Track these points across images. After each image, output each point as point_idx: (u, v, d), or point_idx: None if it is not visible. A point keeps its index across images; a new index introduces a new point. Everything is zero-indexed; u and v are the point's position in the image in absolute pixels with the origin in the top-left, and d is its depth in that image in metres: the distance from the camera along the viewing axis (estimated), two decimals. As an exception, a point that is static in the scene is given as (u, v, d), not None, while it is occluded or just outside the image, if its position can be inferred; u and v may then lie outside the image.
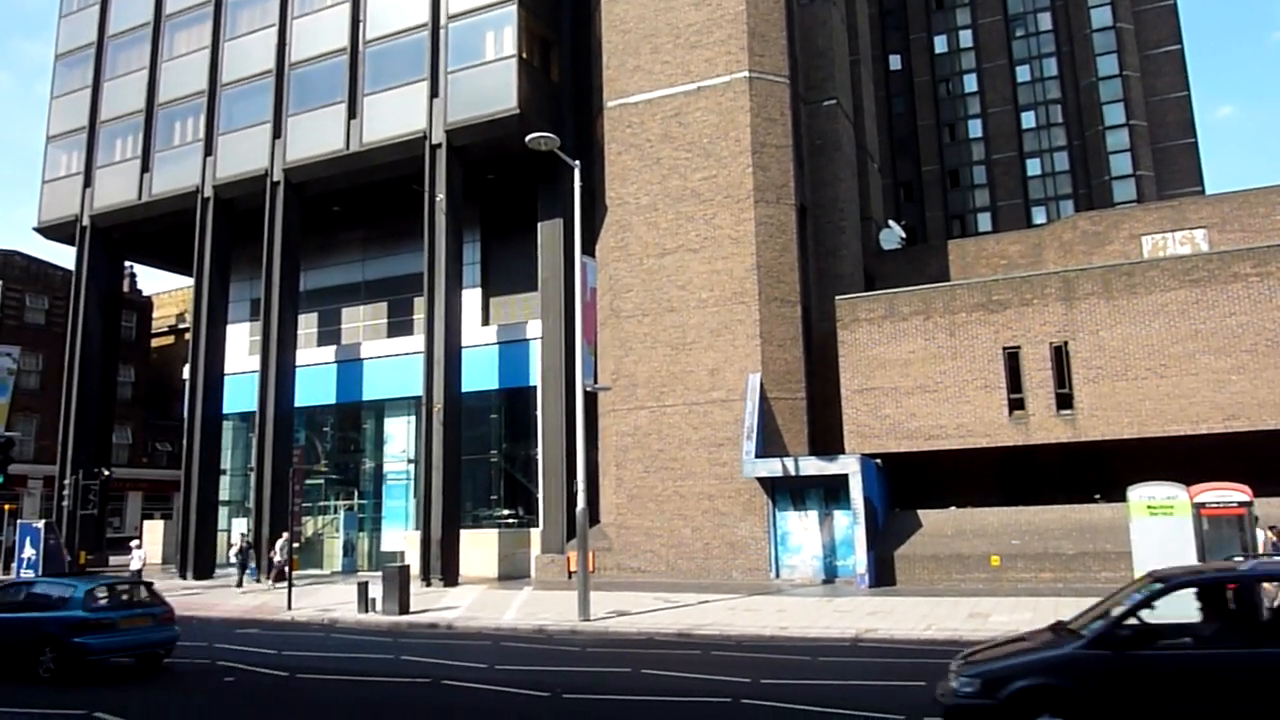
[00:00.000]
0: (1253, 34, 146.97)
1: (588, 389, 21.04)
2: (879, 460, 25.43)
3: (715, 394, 26.35)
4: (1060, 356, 24.01)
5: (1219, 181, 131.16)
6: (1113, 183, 54.63)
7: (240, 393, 33.96)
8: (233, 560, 29.60)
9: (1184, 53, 56.78)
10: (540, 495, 29.05)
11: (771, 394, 26.13)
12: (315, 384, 33.98)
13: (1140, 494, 17.16)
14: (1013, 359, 24.45)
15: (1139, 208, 35.28)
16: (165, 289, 58.57)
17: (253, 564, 29.29)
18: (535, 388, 29.83)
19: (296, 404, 32.08)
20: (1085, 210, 47.41)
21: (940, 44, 60.99)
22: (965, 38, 60.29)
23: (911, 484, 26.50)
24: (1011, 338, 24.47)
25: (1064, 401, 23.79)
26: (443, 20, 29.67)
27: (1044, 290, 24.40)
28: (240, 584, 28.13)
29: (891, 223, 37.32)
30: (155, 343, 52.02)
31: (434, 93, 29.28)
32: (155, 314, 53.29)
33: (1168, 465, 21.37)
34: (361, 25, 31.23)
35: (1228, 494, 17.32)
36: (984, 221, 57.62)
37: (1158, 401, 22.74)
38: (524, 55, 28.33)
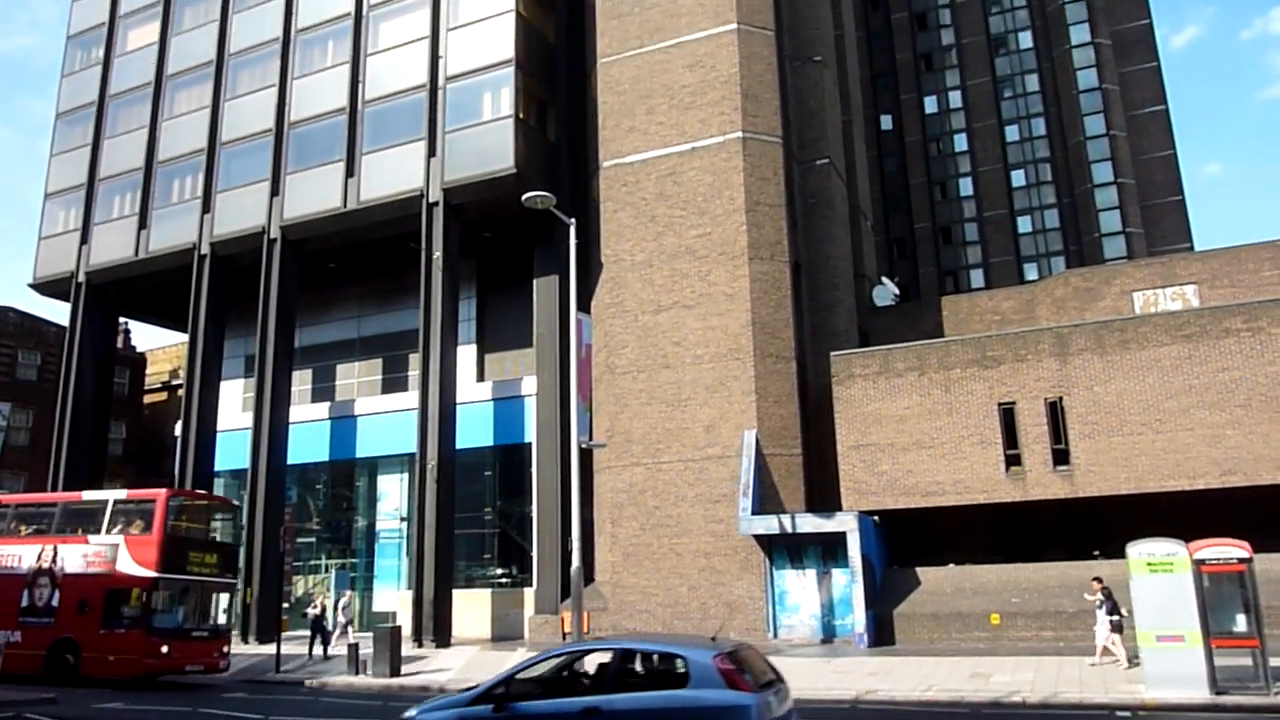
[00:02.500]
0: (1238, 93, 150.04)
1: (583, 446, 20.94)
2: (876, 517, 25.24)
3: (711, 450, 26.23)
4: (1056, 412, 24.01)
5: (1208, 237, 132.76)
6: (1103, 239, 55.20)
7: (233, 450, 33.72)
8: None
9: (1169, 113, 57.85)
10: (534, 554, 28.72)
11: (768, 450, 26.02)
12: (308, 441, 33.77)
13: (1139, 551, 16.96)
14: (1008, 415, 24.44)
15: (1130, 264, 35.60)
16: (159, 345, 58.50)
17: (337, 623, 26.21)
18: (530, 444, 29.68)
19: (289, 461, 31.85)
20: (1076, 266, 47.82)
21: (930, 104, 62.05)
22: (955, 98, 61.39)
23: (909, 541, 26.26)
24: (1007, 393, 24.48)
25: (1060, 457, 23.72)
26: (441, 81, 30.15)
27: (1038, 346, 24.49)
28: (323, 653, 25.19)
29: (885, 279, 37.58)
30: (148, 399, 51.75)
31: (431, 152, 29.63)
32: (148, 370, 53.10)
33: (1166, 520, 21.19)
34: (361, 86, 31.71)
35: (1227, 550, 17.13)
36: (976, 278, 58.07)
37: (1154, 457, 22.68)
38: (521, 116, 28.74)
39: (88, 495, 25.09)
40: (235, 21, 35.33)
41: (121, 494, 24.11)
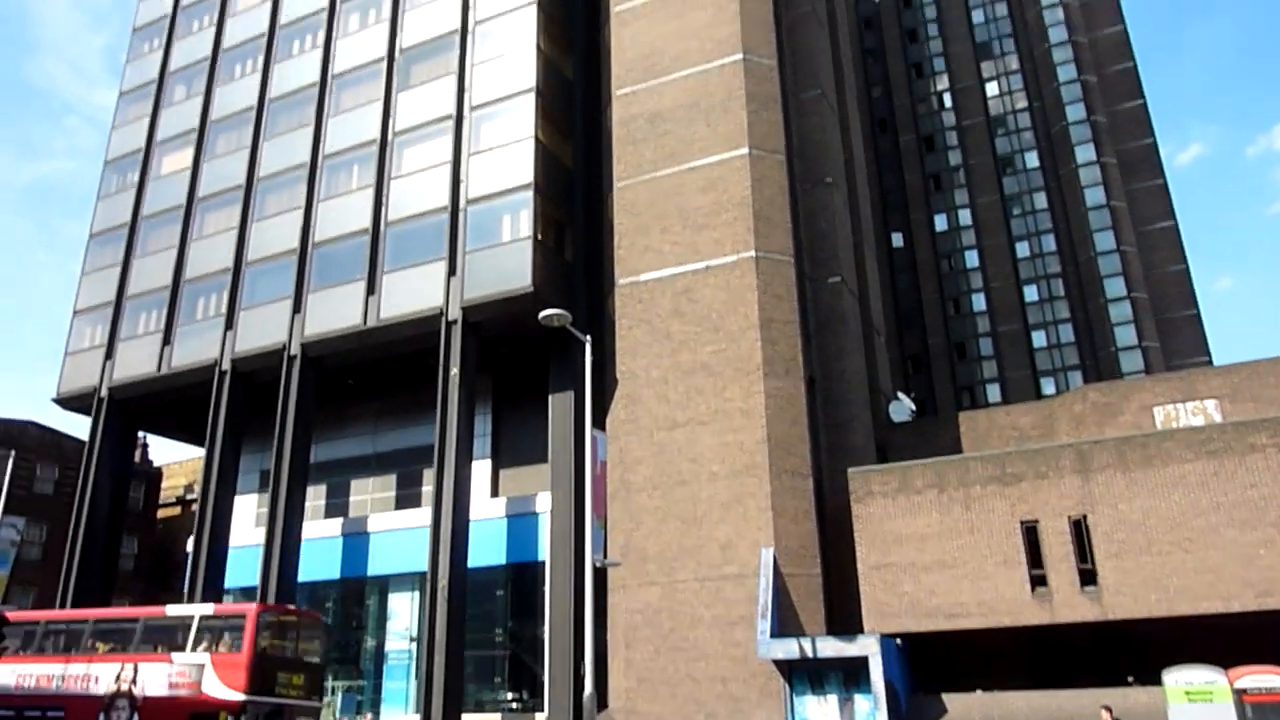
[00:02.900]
0: (1246, 208, 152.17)
1: (597, 565, 20.56)
2: (899, 640, 24.43)
3: (728, 569, 25.69)
4: (1080, 531, 23.47)
5: (1225, 351, 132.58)
6: (1119, 354, 55.11)
7: (243, 566, 33.33)
8: None
9: (1179, 229, 58.54)
10: (546, 678, 27.85)
11: (786, 569, 25.46)
12: (320, 558, 33.37)
13: (1177, 679, 16.33)
14: (1031, 533, 23.90)
15: (1148, 379, 35.41)
16: (176, 459, 58.65)
17: None
18: (543, 563, 29.19)
19: (300, 579, 31.41)
20: (1094, 381, 47.61)
21: (940, 222, 63.15)
22: (964, 216, 62.48)
23: (934, 665, 25.34)
24: (1029, 511, 24.00)
25: (1087, 578, 23.05)
26: (462, 203, 31.03)
27: (1059, 463, 24.14)
28: None
29: (901, 395, 37.50)
30: (161, 514, 51.57)
31: (452, 271, 30.24)
32: (164, 484, 53.11)
33: (1203, 645, 20.46)
34: (384, 208, 32.66)
35: (1270, 679, 16.46)
36: (993, 393, 57.84)
37: (1184, 577, 22.00)
38: (539, 236, 29.42)
39: (172, 610, 23.88)
40: (266, 148, 36.75)
41: (209, 608, 23.05)
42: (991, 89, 65.14)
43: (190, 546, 33.34)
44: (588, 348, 21.34)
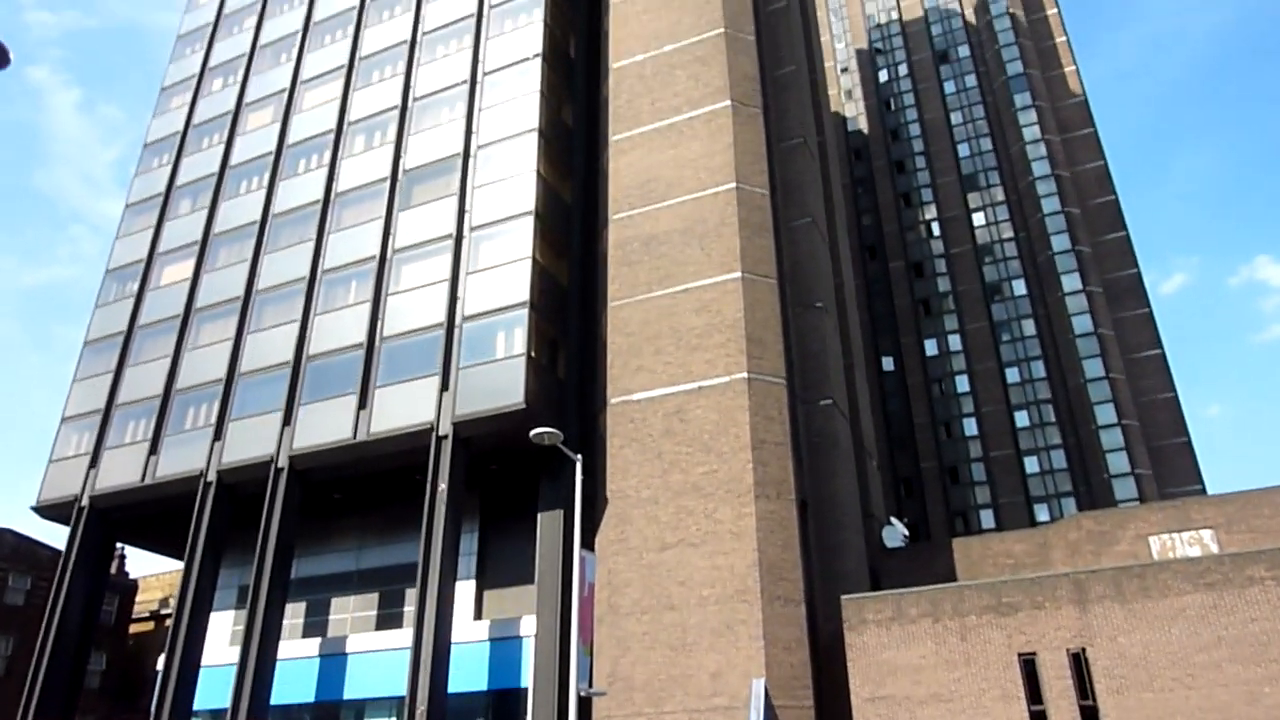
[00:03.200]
0: (1232, 337, 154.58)
1: (582, 694, 19.85)
2: (895, 780, 23.41)
3: (717, 700, 24.80)
4: (1079, 664, 22.85)
5: (1218, 478, 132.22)
6: (1112, 480, 54.93)
7: (215, 687, 32.05)
8: None
9: (1166, 356, 59.27)
10: (526, 814, 26.52)
11: (778, 701, 24.59)
12: (295, 679, 32.16)
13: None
14: (1029, 665, 23.26)
15: (1143, 507, 35.17)
16: (153, 571, 57.26)
17: None
18: (526, 689, 28.16)
19: (273, 701, 30.18)
20: (1087, 508, 47.30)
21: (930, 347, 63.92)
22: (954, 341, 63.29)
23: (932, 808, 24.19)
24: (1026, 643, 23.41)
25: (1089, 715, 22.31)
26: (458, 320, 31.30)
27: (1055, 593, 23.70)
28: None
29: (893, 519, 37.11)
30: (134, 629, 49.96)
31: (444, 386, 30.26)
32: (139, 597, 51.66)
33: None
34: (380, 323, 32.91)
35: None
36: (986, 518, 57.34)
37: (1189, 715, 21.32)
38: (533, 354, 29.58)
39: None
40: (266, 261, 37.29)
41: None
42: (978, 218, 67.05)
43: (161, 664, 32.15)
44: (578, 467, 21.17)
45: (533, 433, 20.45)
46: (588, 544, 27.24)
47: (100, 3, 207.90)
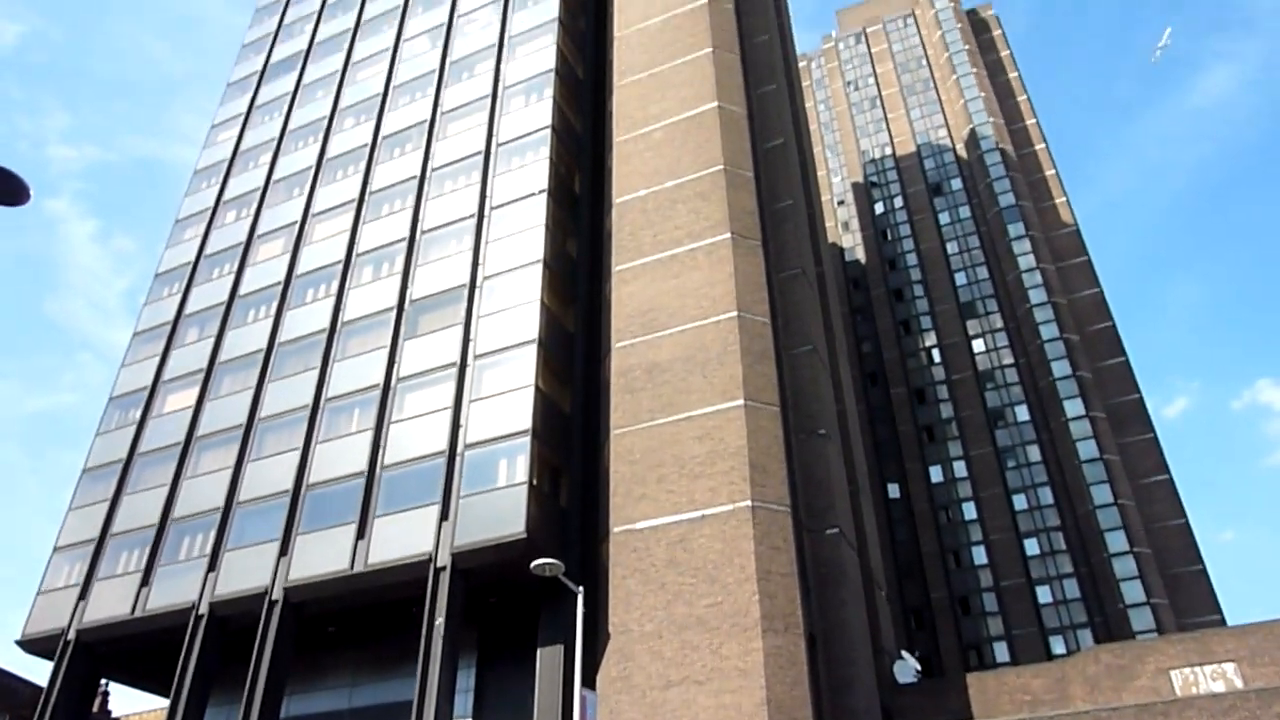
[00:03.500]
0: (1241, 461, 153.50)
1: (582, 847, 18.76)
2: None
3: None
4: (1107, 813, 21.66)
5: (1235, 607, 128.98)
6: (1128, 611, 53.50)
7: (194, 838, 30.39)
8: None
9: (1174, 481, 58.66)
10: None
11: None
12: (279, 828, 30.51)
13: None
14: (1055, 816, 22.03)
15: (1162, 639, 34.10)
16: (136, 709, 55.16)
17: None
18: (523, 839, 26.67)
19: None
20: (1104, 640, 45.87)
21: (935, 473, 63.41)
22: (959, 468, 62.83)
23: None
24: (1050, 790, 22.26)
25: None
26: (460, 448, 31.15)
27: (1077, 734, 22.69)
28: None
29: (905, 653, 35.92)
30: (114, 771, 47.75)
31: (444, 515, 29.85)
32: (122, 738, 49.57)
33: None
34: (381, 451, 32.74)
35: None
36: (1000, 651, 55.56)
37: None
38: (534, 482, 29.30)
39: None
40: (270, 389, 37.44)
41: None
42: (978, 345, 67.65)
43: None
44: (579, 601, 20.66)
45: (534, 564, 20.04)
46: (589, 681, 26.28)
47: (121, 139, 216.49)
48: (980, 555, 59.52)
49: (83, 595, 35.91)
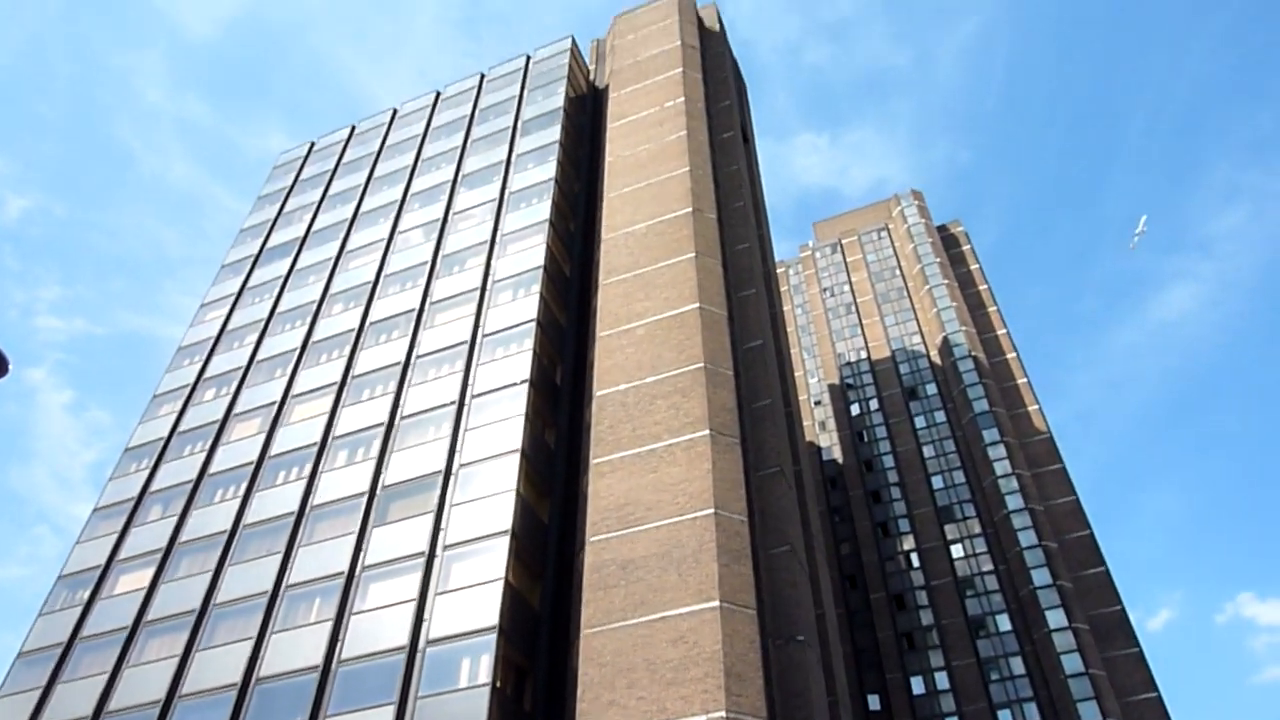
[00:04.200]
0: (1228, 679, 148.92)
1: None
2: None
3: None
4: None
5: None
6: (1124, 845, 50.10)
7: None
8: None
9: (1163, 699, 56.48)
10: None
11: None
12: None
13: None
14: None
15: None
16: None
17: None
18: None
19: None
20: None
21: (917, 684, 60.93)
22: (941, 679, 60.47)
23: None
24: None
25: None
26: (421, 644, 29.68)
27: None
28: None
29: None
30: None
31: (399, 718, 28.02)
32: None
33: None
34: (339, 644, 31.14)
35: None
36: None
37: None
38: (498, 684, 27.76)
39: None
40: (229, 573, 36.01)
41: None
42: (957, 550, 66.84)
43: None
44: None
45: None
46: None
47: (111, 313, 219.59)
48: (967, 778, 56.30)
49: (-3, 797, 32.98)
